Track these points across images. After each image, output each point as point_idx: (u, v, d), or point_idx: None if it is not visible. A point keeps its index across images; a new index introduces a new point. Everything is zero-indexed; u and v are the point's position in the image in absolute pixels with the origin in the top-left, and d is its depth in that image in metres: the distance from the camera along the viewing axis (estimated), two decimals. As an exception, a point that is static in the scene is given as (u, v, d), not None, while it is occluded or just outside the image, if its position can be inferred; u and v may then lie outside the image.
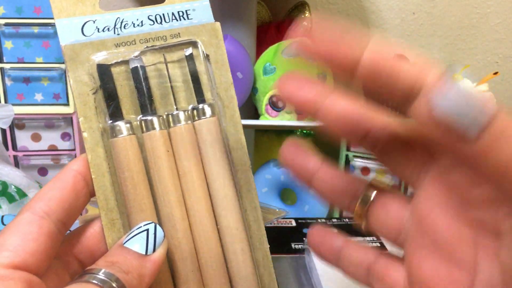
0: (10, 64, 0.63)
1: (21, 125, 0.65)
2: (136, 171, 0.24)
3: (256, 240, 0.26)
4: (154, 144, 0.24)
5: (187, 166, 0.25)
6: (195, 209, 0.25)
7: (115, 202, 0.24)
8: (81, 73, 0.24)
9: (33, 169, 0.67)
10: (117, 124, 0.24)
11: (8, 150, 0.64)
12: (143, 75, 0.25)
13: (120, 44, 0.25)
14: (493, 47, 0.76)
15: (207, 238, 0.25)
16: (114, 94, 0.24)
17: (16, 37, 0.62)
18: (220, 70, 0.26)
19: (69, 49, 0.24)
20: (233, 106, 0.26)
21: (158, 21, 0.26)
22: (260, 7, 0.75)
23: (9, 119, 0.55)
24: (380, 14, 0.78)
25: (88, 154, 0.24)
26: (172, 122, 0.25)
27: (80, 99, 0.24)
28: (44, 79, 0.64)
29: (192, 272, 0.24)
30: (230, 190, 0.25)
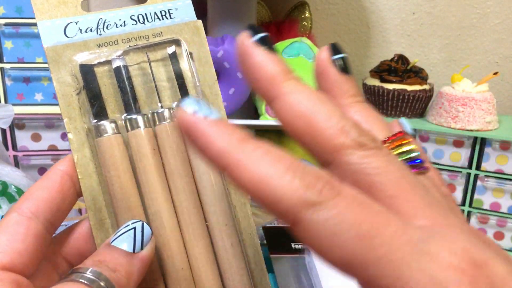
0: (10, 64, 0.63)
1: (21, 125, 0.65)
2: (123, 170, 0.24)
3: (247, 236, 0.26)
4: (139, 143, 0.24)
5: (173, 164, 0.25)
6: (183, 206, 0.24)
7: (103, 202, 0.24)
8: (64, 74, 0.24)
9: (33, 169, 0.67)
10: (102, 124, 0.24)
11: (8, 150, 0.64)
12: (126, 74, 0.25)
13: (102, 45, 0.25)
14: (493, 47, 0.76)
15: (196, 235, 0.24)
16: (98, 94, 0.24)
17: (16, 37, 0.62)
18: (204, 67, 0.26)
19: (51, 50, 0.24)
20: (218, 103, 0.26)
21: (141, 21, 0.26)
22: (260, 7, 0.75)
23: (9, 119, 0.55)
24: (380, 14, 0.78)
25: (74, 154, 0.24)
26: (158, 120, 0.25)
27: (64, 100, 0.24)
28: (44, 79, 0.64)
29: (182, 269, 0.24)
30: (218, 186, 0.25)
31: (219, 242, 0.25)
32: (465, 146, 0.63)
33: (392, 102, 0.65)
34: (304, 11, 0.74)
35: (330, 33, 0.81)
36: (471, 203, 0.65)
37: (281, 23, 0.74)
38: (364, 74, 0.80)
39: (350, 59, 0.72)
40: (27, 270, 0.20)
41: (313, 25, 0.77)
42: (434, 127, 0.63)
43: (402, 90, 0.64)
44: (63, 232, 0.24)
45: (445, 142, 0.64)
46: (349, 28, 0.80)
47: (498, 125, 0.64)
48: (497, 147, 0.62)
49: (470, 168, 0.64)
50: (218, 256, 0.25)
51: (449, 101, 0.63)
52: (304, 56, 0.62)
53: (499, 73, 0.66)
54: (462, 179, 0.64)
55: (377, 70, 0.68)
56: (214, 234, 0.25)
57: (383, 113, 0.67)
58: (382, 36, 0.79)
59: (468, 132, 0.62)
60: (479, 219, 0.65)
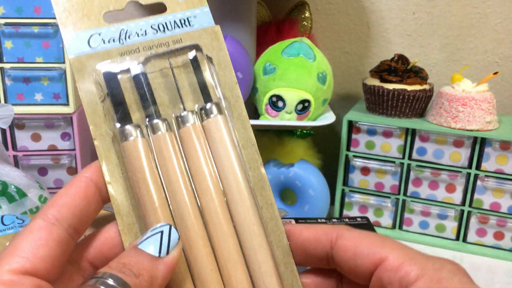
0: (10, 64, 0.63)
1: (21, 125, 0.65)
2: (148, 173, 0.24)
3: (275, 238, 0.26)
4: (161, 146, 0.25)
5: (198, 165, 0.25)
6: (209, 208, 0.25)
7: (131, 206, 0.24)
8: (88, 83, 0.25)
9: (33, 169, 0.67)
10: (126, 128, 0.24)
11: (8, 150, 0.64)
12: (145, 81, 0.25)
13: (124, 53, 0.26)
14: (493, 47, 0.76)
15: (224, 236, 0.24)
16: (122, 99, 0.25)
17: (16, 37, 0.62)
18: (224, 71, 0.27)
19: (76, 60, 0.25)
20: (239, 104, 0.27)
21: (161, 29, 0.27)
22: (260, 7, 0.75)
23: (9, 119, 0.55)
24: (380, 14, 0.78)
25: (101, 160, 0.24)
26: (182, 123, 0.25)
27: (90, 108, 0.25)
28: (44, 79, 0.64)
29: (211, 271, 0.24)
30: (244, 185, 0.25)
31: (247, 243, 0.25)
32: (465, 146, 0.63)
33: (392, 102, 0.65)
34: (304, 11, 0.74)
35: (330, 33, 0.81)
36: (471, 203, 0.65)
37: (281, 23, 0.74)
38: (364, 74, 0.80)
39: (350, 59, 0.72)
40: (50, 275, 0.20)
41: (313, 25, 0.77)
42: (434, 127, 0.63)
43: (402, 90, 0.64)
44: (90, 236, 0.24)
45: (445, 142, 0.64)
46: (349, 28, 0.80)
47: (498, 125, 0.64)
48: (497, 147, 0.62)
49: (470, 168, 0.64)
50: (246, 256, 0.25)
51: (449, 101, 0.63)
52: (304, 56, 0.62)
53: (499, 73, 0.66)
54: (462, 179, 0.64)
55: (377, 70, 0.68)
56: (242, 235, 0.25)
57: (383, 113, 0.67)
58: (382, 36, 0.79)
59: (468, 132, 0.62)
60: (479, 219, 0.65)
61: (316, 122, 0.63)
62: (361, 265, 0.23)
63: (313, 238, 0.25)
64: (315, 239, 0.25)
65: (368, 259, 0.23)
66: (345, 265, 0.24)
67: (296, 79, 0.61)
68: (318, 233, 0.25)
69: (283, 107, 0.62)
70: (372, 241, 0.23)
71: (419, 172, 0.66)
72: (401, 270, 0.22)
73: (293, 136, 0.70)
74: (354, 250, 0.23)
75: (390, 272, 0.22)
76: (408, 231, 0.69)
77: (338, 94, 0.83)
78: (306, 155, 0.70)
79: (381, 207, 0.70)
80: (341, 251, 0.24)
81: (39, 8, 0.61)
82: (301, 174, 0.65)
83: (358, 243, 0.24)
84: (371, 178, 0.69)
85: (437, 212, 0.67)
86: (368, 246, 0.23)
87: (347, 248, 0.24)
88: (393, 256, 0.22)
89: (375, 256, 0.23)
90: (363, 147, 0.68)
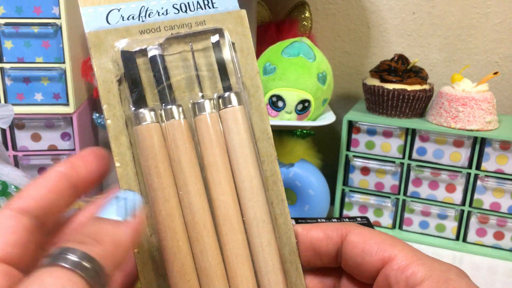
0: (10, 64, 0.63)
1: (21, 125, 0.65)
2: (160, 160, 0.23)
3: (283, 235, 0.25)
4: (175, 134, 0.24)
5: (212, 156, 0.24)
6: (220, 200, 0.24)
7: (139, 191, 0.24)
8: (105, 60, 0.24)
9: (33, 169, 0.67)
10: (141, 111, 0.24)
11: (8, 150, 0.64)
12: (161, 63, 0.24)
13: (144, 31, 0.25)
14: (493, 47, 0.76)
15: (232, 230, 0.24)
16: (138, 81, 0.24)
17: (16, 37, 0.62)
18: (246, 58, 0.26)
19: (93, 35, 0.24)
20: (259, 95, 0.26)
21: (183, 9, 0.25)
22: (260, 7, 0.75)
23: (9, 119, 0.55)
24: (380, 14, 0.78)
25: (112, 142, 0.24)
26: (198, 111, 0.24)
27: (104, 86, 0.24)
28: (44, 79, 0.64)
29: (216, 265, 0.24)
30: (257, 181, 0.24)
31: (255, 239, 0.24)
32: (465, 146, 0.63)
33: (392, 102, 0.65)
34: (304, 11, 0.74)
35: (330, 33, 0.81)
36: (471, 203, 0.65)
37: (281, 23, 0.74)
38: (364, 74, 0.80)
39: (350, 59, 0.72)
40: (21, 263, 0.20)
41: (313, 25, 0.77)
42: (434, 127, 0.63)
43: (402, 90, 0.64)
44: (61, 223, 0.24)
45: (445, 142, 0.64)
46: (349, 28, 0.80)
47: (498, 125, 0.64)
48: (497, 147, 0.62)
49: (470, 168, 0.64)
50: (253, 252, 0.24)
51: (449, 101, 0.63)
52: (304, 56, 0.62)
53: (499, 73, 0.66)
54: (462, 179, 0.64)
55: (377, 70, 0.68)
56: (251, 230, 0.24)
57: (383, 113, 0.67)
58: (382, 36, 0.79)
59: (468, 132, 0.62)
60: (479, 219, 0.65)
61: (316, 122, 0.63)
62: (368, 262, 0.23)
63: (323, 235, 0.25)
64: (326, 236, 0.25)
65: (376, 256, 0.23)
66: (353, 261, 0.24)
67: (296, 79, 0.61)
68: (328, 230, 0.25)
69: (283, 107, 0.62)
70: (381, 239, 0.24)
71: (419, 172, 0.66)
72: (408, 270, 0.22)
73: (293, 136, 0.70)
74: (363, 246, 0.24)
75: (397, 271, 0.22)
76: (408, 231, 0.69)
77: (338, 94, 0.83)
78: (306, 155, 0.70)
79: (381, 207, 0.70)
80: (350, 246, 0.24)
81: (39, 8, 0.61)
82: (301, 174, 0.65)
83: (367, 240, 0.24)
84: (371, 178, 0.69)
85: (437, 212, 0.67)
86: (377, 243, 0.23)
87: (356, 244, 0.24)
88: (401, 255, 0.23)
89: (384, 254, 0.23)
90: (363, 147, 0.68)
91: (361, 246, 0.24)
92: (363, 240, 0.24)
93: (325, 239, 0.25)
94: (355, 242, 0.24)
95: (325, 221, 0.62)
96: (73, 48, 0.64)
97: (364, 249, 0.24)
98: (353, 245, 0.24)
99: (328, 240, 0.25)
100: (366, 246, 0.24)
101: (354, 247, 0.24)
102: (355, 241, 0.24)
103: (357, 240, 0.24)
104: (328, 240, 0.25)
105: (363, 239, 0.24)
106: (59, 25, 0.61)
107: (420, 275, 0.22)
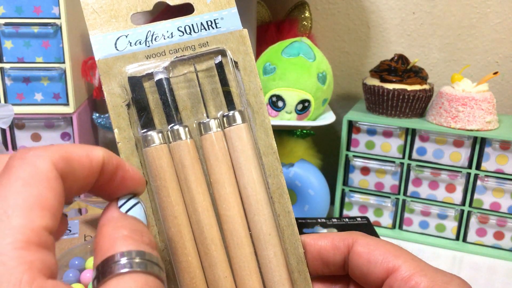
0: (10, 64, 0.63)
1: (21, 125, 0.65)
2: (168, 180, 0.25)
3: (290, 245, 0.26)
4: (181, 154, 0.25)
5: (218, 173, 0.25)
6: (227, 216, 0.25)
7: (150, 209, 0.25)
8: (114, 86, 0.25)
9: (33, 169, 0.67)
10: (149, 134, 0.25)
11: (8, 150, 0.64)
12: (167, 86, 0.25)
13: (150, 56, 0.26)
14: (493, 47, 0.76)
15: (239, 243, 0.25)
16: (146, 105, 0.25)
17: (16, 37, 0.62)
18: (249, 76, 0.27)
19: (103, 63, 0.25)
20: (262, 111, 0.27)
21: (187, 31, 0.26)
22: (260, 7, 0.75)
23: (9, 119, 0.55)
24: (380, 14, 0.78)
25: None
26: (203, 130, 0.26)
27: (114, 111, 0.25)
28: (44, 79, 0.64)
29: (225, 278, 0.25)
30: (262, 195, 0.25)
31: (262, 252, 0.25)
32: (465, 146, 0.63)
33: (392, 102, 0.65)
34: (304, 11, 0.74)
35: (330, 33, 0.81)
36: (471, 203, 0.65)
37: (281, 23, 0.74)
38: (364, 74, 0.80)
39: (350, 59, 0.72)
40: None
41: (313, 25, 0.77)
42: (434, 127, 0.63)
43: (402, 90, 0.64)
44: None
45: (445, 142, 0.64)
46: (349, 28, 0.80)
47: (498, 125, 0.64)
48: (497, 147, 0.62)
49: (470, 168, 0.64)
50: (260, 265, 0.25)
51: (449, 101, 0.63)
52: (304, 56, 0.62)
53: (499, 73, 0.66)
54: (462, 179, 0.64)
55: (377, 70, 0.68)
56: (258, 244, 0.25)
57: (383, 113, 0.67)
58: (382, 36, 0.79)
59: (468, 132, 0.62)
60: (479, 219, 0.65)
61: (316, 122, 0.63)
62: (373, 272, 0.24)
63: (331, 245, 0.26)
64: (333, 246, 0.26)
65: (381, 266, 0.24)
66: (359, 270, 0.25)
67: (296, 79, 0.61)
68: (335, 240, 0.26)
69: (283, 107, 0.62)
70: (386, 249, 0.24)
71: (419, 172, 0.66)
72: (411, 281, 0.22)
73: (293, 136, 0.70)
74: (368, 256, 0.24)
75: (401, 282, 0.23)
76: (408, 231, 0.69)
77: (338, 94, 0.83)
78: (306, 155, 0.70)
79: (381, 207, 0.70)
80: (356, 256, 0.25)
81: (39, 8, 0.61)
82: (301, 174, 0.65)
83: (373, 250, 0.24)
84: (371, 178, 0.69)
85: (437, 212, 0.67)
86: (382, 254, 0.24)
87: (361, 254, 0.24)
88: (405, 266, 0.23)
89: (388, 264, 0.23)
90: (363, 147, 0.68)
91: (367, 256, 0.24)
92: (369, 250, 0.24)
93: (332, 249, 0.26)
94: (361, 252, 0.25)
95: (325, 221, 0.62)
96: (73, 48, 0.64)
97: (369, 259, 0.24)
98: (359, 255, 0.25)
99: (335, 250, 0.26)
100: (371, 256, 0.24)
101: (360, 257, 0.24)
102: (361, 251, 0.25)
103: (362, 250, 0.25)
104: (335, 250, 0.26)
105: (369, 249, 0.24)
106: (59, 25, 0.61)
107: (423, 286, 0.22)
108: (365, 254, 0.24)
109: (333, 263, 0.26)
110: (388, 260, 0.24)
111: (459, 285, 0.22)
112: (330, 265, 0.26)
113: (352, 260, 0.25)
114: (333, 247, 0.26)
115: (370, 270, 0.24)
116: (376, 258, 0.24)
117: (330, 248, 0.26)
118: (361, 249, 0.25)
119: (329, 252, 0.26)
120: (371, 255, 0.24)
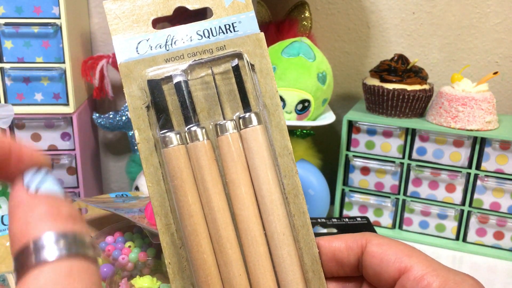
0: (10, 64, 0.63)
1: (21, 125, 0.65)
2: (186, 180, 0.25)
3: (305, 245, 0.26)
4: (198, 154, 0.26)
5: (234, 173, 0.26)
6: (242, 215, 0.26)
7: (169, 208, 0.26)
8: (134, 89, 0.26)
9: (33, 169, 0.67)
10: (168, 135, 0.26)
11: (8, 150, 0.64)
12: (186, 88, 0.26)
13: (169, 59, 0.27)
14: (493, 47, 0.76)
15: (254, 242, 0.26)
16: (164, 107, 0.26)
17: (16, 37, 0.62)
18: (265, 79, 0.27)
19: (124, 66, 0.26)
20: (278, 113, 0.27)
21: (206, 35, 0.27)
22: (260, 7, 0.75)
23: (9, 119, 0.55)
24: (380, 14, 0.78)
25: (143, 163, 0.26)
26: (220, 131, 0.26)
27: (134, 113, 0.26)
28: (44, 79, 0.64)
29: (239, 276, 0.25)
30: (277, 195, 0.26)
31: (276, 251, 0.26)
32: (465, 146, 0.63)
33: (392, 102, 0.65)
34: (304, 11, 0.74)
35: (330, 33, 0.81)
36: (471, 203, 0.65)
37: (281, 23, 0.74)
38: (364, 74, 0.80)
39: (350, 59, 0.72)
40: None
41: (313, 25, 0.77)
42: (434, 127, 0.63)
43: (402, 90, 0.64)
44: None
45: (445, 142, 0.64)
46: (349, 28, 0.80)
47: (498, 124, 0.64)
48: (497, 147, 0.62)
49: (470, 168, 0.64)
50: (275, 264, 0.26)
51: (449, 101, 0.63)
52: (304, 56, 0.62)
53: (499, 73, 0.66)
54: (462, 179, 0.64)
55: (377, 70, 0.68)
56: (272, 243, 0.26)
57: (383, 113, 0.67)
58: (382, 36, 0.79)
59: (468, 132, 0.62)
60: (479, 219, 0.65)
61: (316, 122, 0.63)
62: (386, 272, 0.24)
63: (345, 246, 0.26)
64: (347, 247, 0.26)
65: (394, 266, 0.24)
66: (372, 270, 0.25)
67: (296, 79, 0.61)
68: (348, 241, 0.26)
69: (283, 107, 0.62)
70: (399, 249, 0.24)
71: (419, 172, 0.66)
72: (424, 281, 0.23)
73: (293, 136, 0.70)
74: (381, 256, 0.24)
75: (413, 282, 0.23)
76: (408, 231, 0.69)
77: (338, 94, 0.83)
78: (306, 155, 0.70)
79: (381, 207, 0.70)
80: (369, 256, 0.25)
81: (39, 8, 0.61)
82: (301, 174, 0.65)
83: (385, 250, 0.25)
84: (371, 178, 0.69)
85: (437, 212, 0.67)
86: (395, 254, 0.24)
87: (374, 254, 0.25)
88: (417, 266, 0.23)
89: (401, 264, 0.24)
90: (363, 147, 0.68)
91: (380, 256, 0.25)
92: (382, 250, 0.25)
93: (346, 250, 0.26)
94: (374, 252, 0.25)
95: (325, 221, 0.62)
96: (73, 48, 0.64)
97: (382, 259, 0.24)
98: (372, 255, 0.25)
99: (349, 250, 0.26)
100: (384, 256, 0.24)
101: (373, 257, 0.25)
102: (374, 251, 0.25)
103: (375, 250, 0.25)
104: (349, 250, 0.26)
105: (382, 249, 0.25)
106: (59, 25, 0.61)
107: (435, 286, 0.22)
108: (378, 254, 0.25)
109: (347, 264, 0.26)
110: (401, 260, 0.24)
111: (472, 285, 0.22)
112: (344, 266, 0.26)
113: (366, 260, 0.25)
114: (347, 248, 0.26)
115: (383, 270, 0.24)
116: (389, 258, 0.24)
117: (344, 249, 0.26)
118: (374, 249, 0.25)
119: (343, 253, 0.26)
120: (384, 254, 0.24)
